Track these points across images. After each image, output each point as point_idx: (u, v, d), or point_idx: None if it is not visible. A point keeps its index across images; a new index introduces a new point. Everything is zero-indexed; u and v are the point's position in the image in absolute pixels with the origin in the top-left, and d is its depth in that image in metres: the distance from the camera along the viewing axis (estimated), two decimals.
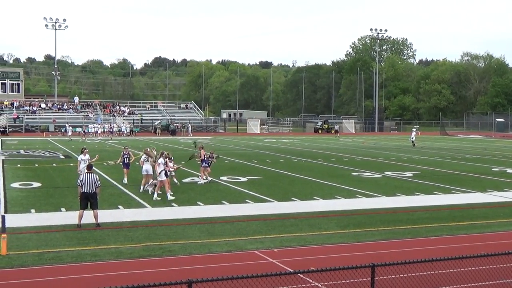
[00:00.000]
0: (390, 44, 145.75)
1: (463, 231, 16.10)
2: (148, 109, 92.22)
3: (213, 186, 24.21)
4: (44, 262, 12.27)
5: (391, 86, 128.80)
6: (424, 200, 21.51)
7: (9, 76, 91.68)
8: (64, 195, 21.29)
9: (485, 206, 20.32)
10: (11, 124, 73.89)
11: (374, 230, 15.98)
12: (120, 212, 18.18)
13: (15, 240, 13.90)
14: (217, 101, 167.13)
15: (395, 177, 28.68)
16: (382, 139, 69.28)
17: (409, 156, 42.19)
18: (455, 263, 9.39)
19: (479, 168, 33.75)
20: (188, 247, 13.68)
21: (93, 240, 14.21)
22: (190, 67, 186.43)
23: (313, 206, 19.66)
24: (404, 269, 9.45)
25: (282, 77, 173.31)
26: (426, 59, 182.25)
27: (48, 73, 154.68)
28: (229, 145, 52.95)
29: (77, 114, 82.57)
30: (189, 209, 18.85)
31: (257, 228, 15.98)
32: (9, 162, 33.75)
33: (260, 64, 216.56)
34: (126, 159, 24.88)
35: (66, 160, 35.79)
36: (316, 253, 13.45)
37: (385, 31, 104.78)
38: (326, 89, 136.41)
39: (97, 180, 15.89)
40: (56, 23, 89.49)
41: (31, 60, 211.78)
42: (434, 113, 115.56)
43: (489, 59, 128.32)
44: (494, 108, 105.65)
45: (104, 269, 11.88)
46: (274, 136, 76.83)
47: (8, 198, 20.41)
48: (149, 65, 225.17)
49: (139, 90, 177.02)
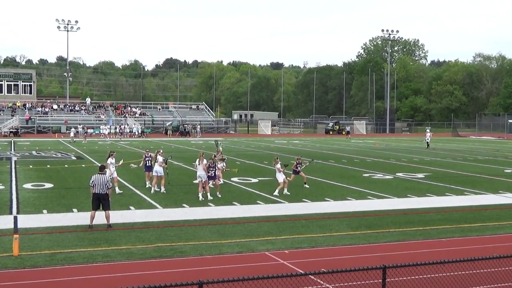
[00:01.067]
0: (401, 45, 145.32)
1: (475, 233, 16.01)
2: (159, 110, 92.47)
3: (224, 187, 24.21)
4: (56, 262, 12.33)
5: (402, 87, 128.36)
6: (436, 201, 21.41)
7: (22, 77, 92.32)
8: (76, 196, 21.39)
9: (498, 208, 20.19)
10: (23, 125, 74.34)
11: (385, 231, 15.93)
12: (132, 213, 18.23)
13: (27, 240, 13.98)
14: (228, 102, 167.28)
15: (406, 178, 28.57)
16: (394, 141, 69.04)
17: (420, 157, 42.01)
18: (467, 265, 9.34)
19: (492, 169, 33.54)
20: (199, 248, 13.70)
21: (104, 241, 14.27)
22: (201, 68, 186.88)
23: (324, 208, 19.62)
24: (415, 271, 9.41)
25: (293, 78, 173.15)
26: (438, 60, 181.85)
27: (60, 74, 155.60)
28: (240, 146, 52.94)
29: (88, 115, 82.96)
30: (200, 210, 18.88)
31: (268, 229, 15.97)
32: (22, 163, 33.97)
33: (271, 65, 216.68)
34: (148, 162, 23.76)
35: (77, 161, 35.96)
36: (327, 254, 13.43)
37: (397, 32, 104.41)
38: (337, 90, 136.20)
39: (108, 181, 15.95)
40: (68, 24, 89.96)
41: (43, 62, 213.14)
42: (446, 114, 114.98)
43: (501, 60, 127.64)
44: (506, 109, 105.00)
45: (115, 270, 11.92)
46: (285, 137, 76.76)
47: (21, 199, 20.54)
48: (161, 66, 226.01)
49: (151, 91, 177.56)
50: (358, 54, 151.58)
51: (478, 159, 41.21)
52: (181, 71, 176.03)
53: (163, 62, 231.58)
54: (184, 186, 24.38)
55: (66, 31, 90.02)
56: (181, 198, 20.97)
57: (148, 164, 23.61)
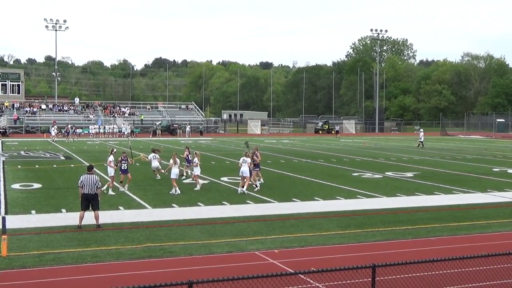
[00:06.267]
0: (390, 45, 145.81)
1: (464, 232, 16.10)
2: (149, 110, 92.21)
3: (213, 186, 24.21)
4: (45, 263, 12.27)
5: (391, 86, 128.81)
6: (425, 200, 21.50)
7: (10, 77, 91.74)
8: (64, 196, 21.30)
9: (486, 207, 20.31)
10: (12, 125, 73.88)
11: (375, 230, 15.98)
12: (121, 213, 18.18)
13: (15, 241, 13.90)
14: (217, 102, 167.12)
15: (395, 177, 28.68)
16: (383, 140, 69.26)
17: (409, 156, 42.18)
18: (456, 263, 9.39)
19: (480, 168, 33.74)
20: (189, 248, 13.68)
21: (93, 241, 14.22)
22: (190, 68, 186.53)
23: (313, 207, 19.66)
24: (404, 270, 9.45)
25: (282, 77, 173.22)
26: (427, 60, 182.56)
27: (49, 74, 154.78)
28: (229, 146, 52.92)
29: (77, 115, 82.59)
30: (190, 209, 18.86)
31: (257, 229, 15.98)
32: (10, 163, 33.76)
33: (261, 64, 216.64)
34: (123, 165, 23.98)
35: (66, 161, 35.79)
36: (317, 253, 13.45)
37: (386, 32, 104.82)
38: (327, 89, 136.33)
39: (97, 181, 15.88)
40: (57, 24, 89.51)
41: (32, 61, 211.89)
42: (435, 113, 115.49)
43: (489, 59, 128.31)
44: (494, 109, 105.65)
45: (104, 270, 11.88)
46: (275, 137, 76.81)
47: (9, 199, 20.42)
48: (150, 66, 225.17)
49: (140, 91, 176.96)
50: (347, 53, 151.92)
51: (467, 158, 41.44)
52: (171, 71, 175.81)
53: (152, 62, 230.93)
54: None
55: (54, 30, 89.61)
56: (170, 198, 20.94)
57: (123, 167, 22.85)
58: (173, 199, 20.76)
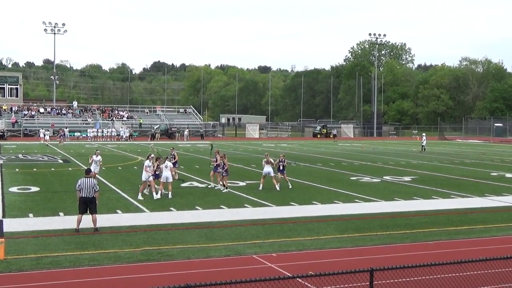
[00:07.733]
0: (388, 49, 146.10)
1: (462, 236, 16.09)
2: (147, 114, 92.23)
3: (211, 190, 24.19)
4: (42, 266, 12.24)
5: (389, 91, 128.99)
6: (423, 204, 21.49)
7: (8, 80, 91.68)
8: (62, 199, 21.26)
9: (484, 211, 20.32)
10: (10, 128, 73.86)
11: (373, 234, 15.97)
12: (119, 216, 18.15)
13: (13, 244, 13.87)
14: (216, 105, 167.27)
15: (393, 181, 28.68)
16: (381, 144, 69.30)
17: (407, 160, 42.20)
18: (454, 267, 9.39)
19: (478, 172, 33.75)
20: (187, 252, 13.66)
21: (91, 244, 14.19)
22: (189, 71, 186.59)
23: (311, 211, 19.64)
24: (402, 274, 9.44)
25: (281, 82, 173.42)
26: (425, 64, 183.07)
27: (47, 77, 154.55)
28: (228, 150, 52.84)
29: (75, 118, 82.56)
30: (188, 213, 18.83)
31: (255, 232, 15.96)
32: (8, 166, 33.72)
33: (259, 69, 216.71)
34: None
35: (64, 165, 35.76)
36: (315, 257, 13.44)
37: (384, 36, 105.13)
38: (325, 93, 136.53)
39: (95, 184, 15.87)
40: (55, 27, 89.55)
41: (30, 65, 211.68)
42: (433, 118, 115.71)
43: (487, 64, 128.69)
44: (492, 113, 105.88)
45: (102, 273, 11.85)
46: (273, 140, 76.82)
47: (6, 203, 20.38)
48: (148, 70, 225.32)
49: (138, 94, 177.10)
50: (346, 58, 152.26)
51: (465, 162, 41.47)
52: (169, 75, 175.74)
53: (150, 66, 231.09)
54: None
55: (53, 33, 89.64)
56: (168, 202, 20.91)
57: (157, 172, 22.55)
58: (171, 202, 20.73)
